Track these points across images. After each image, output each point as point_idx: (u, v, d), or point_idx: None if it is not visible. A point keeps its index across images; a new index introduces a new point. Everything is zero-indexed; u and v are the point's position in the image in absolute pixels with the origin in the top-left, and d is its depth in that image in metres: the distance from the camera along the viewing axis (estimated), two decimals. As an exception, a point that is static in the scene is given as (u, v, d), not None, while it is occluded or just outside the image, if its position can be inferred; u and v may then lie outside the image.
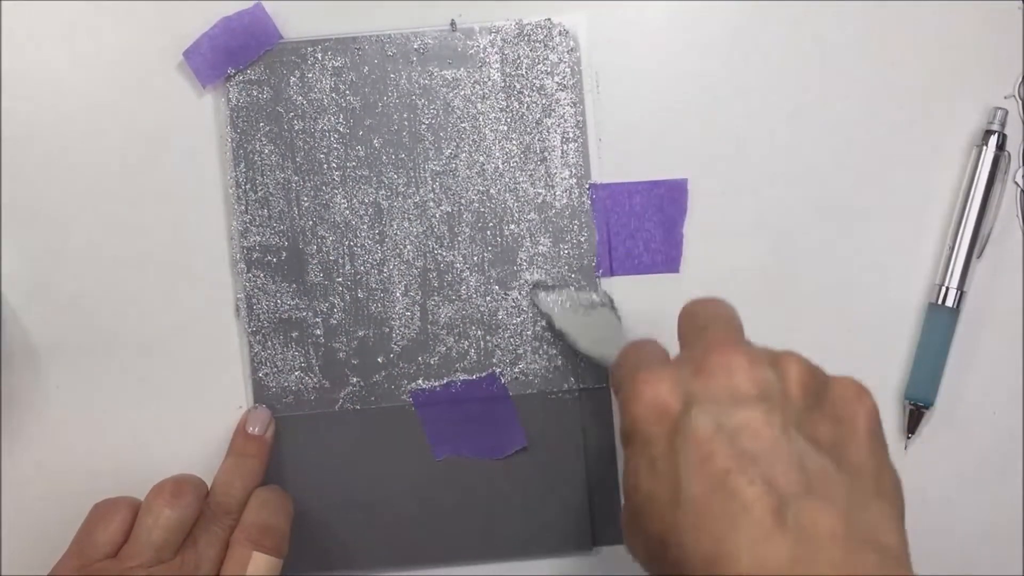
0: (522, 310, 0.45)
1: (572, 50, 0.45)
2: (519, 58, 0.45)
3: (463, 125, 0.45)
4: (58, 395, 0.45)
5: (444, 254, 0.45)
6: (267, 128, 0.45)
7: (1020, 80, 0.46)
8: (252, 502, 0.41)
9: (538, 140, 0.45)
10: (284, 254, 0.45)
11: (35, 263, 0.45)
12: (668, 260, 0.45)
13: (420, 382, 0.45)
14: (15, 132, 0.45)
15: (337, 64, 0.45)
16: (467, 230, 0.45)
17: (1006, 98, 0.46)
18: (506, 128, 0.45)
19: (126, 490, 0.41)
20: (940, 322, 0.45)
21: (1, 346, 0.44)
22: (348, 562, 0.45)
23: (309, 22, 0.45)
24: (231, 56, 0.44)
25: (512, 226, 0.45)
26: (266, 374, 0.45)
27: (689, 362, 0.32)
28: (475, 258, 0.45)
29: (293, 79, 0.45)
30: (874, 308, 0.46)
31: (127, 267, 0.45)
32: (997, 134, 0.45)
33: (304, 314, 0.45)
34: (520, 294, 0.45)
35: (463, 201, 0.45)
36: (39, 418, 0.45)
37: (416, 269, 0.45)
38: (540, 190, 0.45)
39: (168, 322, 0.45)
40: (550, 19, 0.45)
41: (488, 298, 0.45)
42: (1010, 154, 0.45)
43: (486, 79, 0.45)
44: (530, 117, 0.45)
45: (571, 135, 0.45)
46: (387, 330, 0.45)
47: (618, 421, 0.45)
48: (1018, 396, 0.46)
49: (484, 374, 0.45)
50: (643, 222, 0.45)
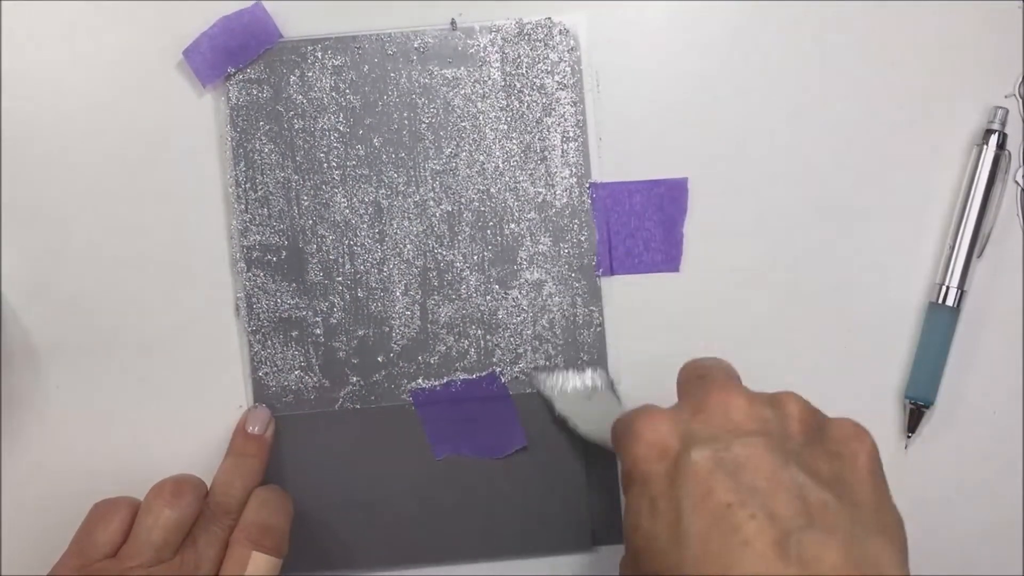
0: (522, 309, 0.45)
1: (572, 49, 0.45)
2: (519, 57, 0.45)
3: (463, 124, 0.45)
4: (58, 395, 0.45)
5: (444, 253, 0.45)
6: (267, 127, 0.45)
7: (1020, 79, 0.46)
8: (252, 502, 0.41)
9: (538, 139, 0.45)
10: (284, 253, 0.45)
11: (35, 263, 0.45)
12: (668, 259, 0.45)
13: (420, 381, 0.45)
14: (15, 132, 0.45)
15: (337, 63, 0.45)
16: (467, 229, 0.45)
17: (1006, 97, 0.46)
18: (506, 127, 0.45)
19: (126, 490, 0.41)
20: (940, 321, 0.45)
21: (1, 346, 0.44)
22: (348, 562, 0.45)
23: (309, 21, 0.45)
24: (231, 55, 0.44)
25: (512, 225, 0.45)
26: (266, 373, 0.45)
27: (688, 405, 0.32)
28: (475, 257, 0.45)
29: (293, 78, 0.45)
30: (874, 308, 0.46)
31: (127, 267, 0.45)
32: (997, 133, 0.45)
33: (304, 313, 0.45)
34: (520, 293, 0.45)
35: (463, 200, 0.45)
36: (39, 418, 0.45)
37: (416, 268, 0.45)
38: (540, 189, 0.45)
39: (168, 322, 0.45)
40: (550, 18, 0.45)
41: (488, 297, 0.45)
42: (1010, 153, 0.45)
43: (486, 78, 0.45)
44: (530, 116, 0.45)
45: (571, 134, 0.45)
46: (387, 329, 0.45)
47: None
48: (1018, 396, 0.46)
49: (484, 373, 0.45)
50: (643, 221, 0.45)
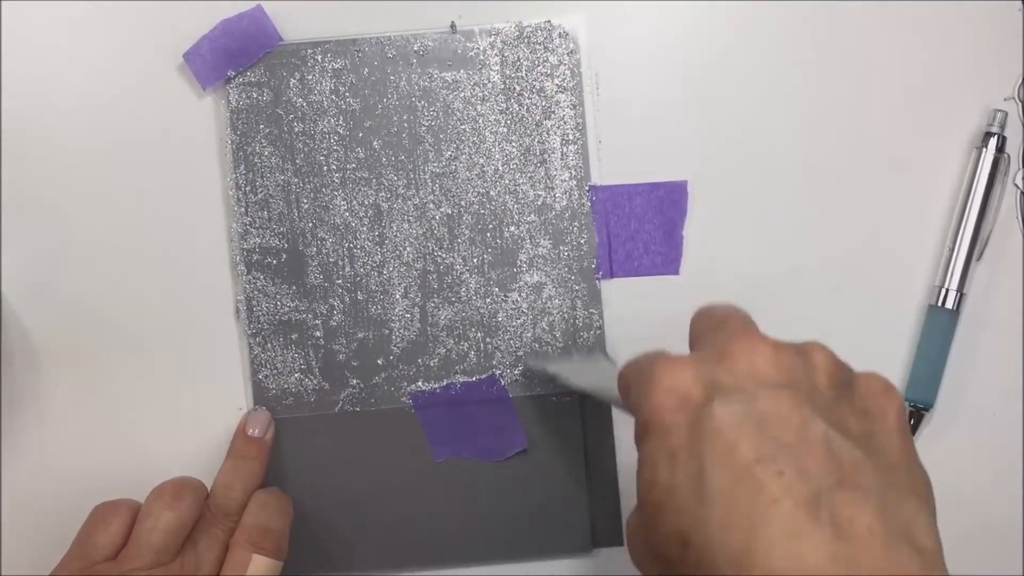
0: (522, 312, 0.45)
1: (572, 52, 0.45)
2: (519, 60, 0.45)
3: (463, 127, 0.45)
4: (58, 395, 0.45)
5: (444, 256, 0.45)
6: (267, 130, 0.45)
7: (1020, 82, 0.46)
8: (252, 504, 0.41)
9: (538, 142, 0.45)
10: (284, 256, 0.45)
11: (35, 263, 0.45)
12: (668, 262, 0.45)
13: (420, 384, 0.45)
14: (15, 132, 0.45)
15: (337, 66, 0.45)
16: (467, 232, 0.45)
17: (1006, 100, 0.46)
18: (506, 130, 0.45)
19: (126, 491, 0.41)
20: (940, 324, 0.45)
21: (1, 346, 0.44)
22: (348, 564, 0.45)
23: (309, 24, 0.45)
24: (231, 58, 0.44)
25: (512, 228, 0.45)
26: (266, 376, 0.45)
27: (711, 352, 0.30)
28: (475, 260, 0.45)
29: (293, 81, 0.45)
30: (874, 309, 0.46)
31: (127, 268, 0.45)
32: (997, 136, 0.45)
33: (304, 316, 0.45)
34: (520, 296, 0.45)
35: (463, 203, 0.45)
36: (39, 418, 0.45)
37: (416, 271, 0.45)
38: (540, 192, 0.45)
39: (168, 324, 0.45)
40: (550, 21, 0.45)
41: (488, 300, 0.45)
42: (1010, 156, 0.45)
43: (486, 81, 0.45)
44: (530, 119, 0.45)
45: (571, 137, 0.45)
46: (387, 332, 0.45)
47: (618, 435, 0.45)
48: (1018, 398, 0.46)
49: (484, 376, 0.45)
50: (643, 224, 0.45)
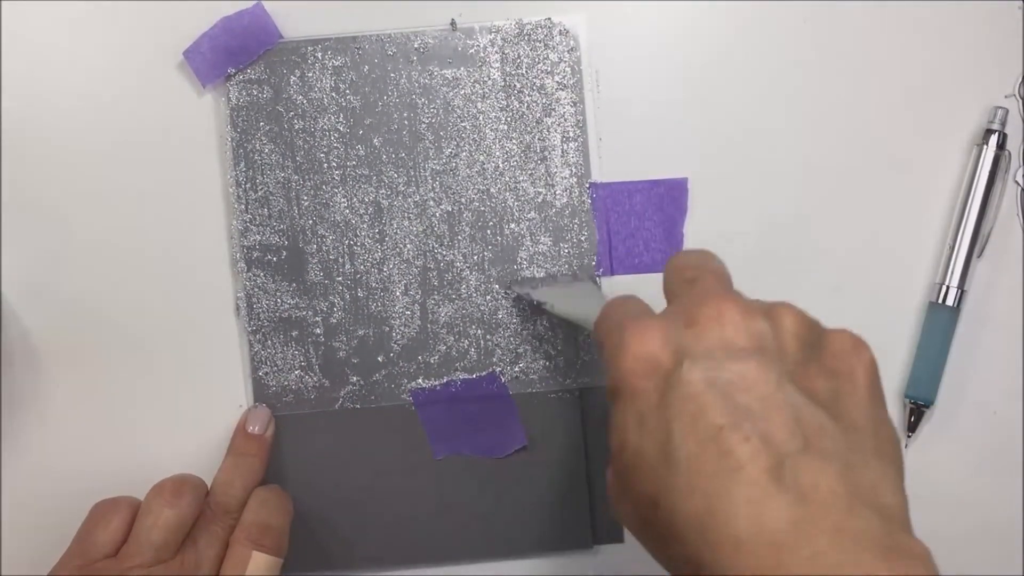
0: (522, 309, 0.45)
1: (572, 49, 0.45)
2: (519, 57, 0.45)
3: (463, 124, 0.45)
4: (58, 395, 0.45)
5: (444, 253, 0.45)
6: (267, 127, 0.45)
7: (1020, 79, 0.46)
8: (252, 501, 0.41)
9: (538, 139, 0.45)
10: (284, 253, 0.45)
11: (35, 263, 0.45)
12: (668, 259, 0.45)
13: (420, 381, 0.45)
14: (15, 132, 0.45)
15: (337, 63, 0.45)
16: (467, 229, 0.45)
17: (1006, 97, 0.46)
18: (506, 127, 0.45)
19: (126, 490, 0.41)
20: (940, 321, 0.45)
21: (1, 346, 0.44)
22: (348, 561, 0.45)
23: (309, 21, 0.45)
24: (231, 55, 0.44)
25: (512, 225, 0.45)
26: (266, 373, 0.45)
27: (679, 314, 0.30)
28: (475, 257, 0.45)
29: (293, 78, 0.45)
30: (874, 307, 0.46)
31: (127, 267, 0.45)
32: (997, 133, 0.45)
33: (304, 313, 0.45)
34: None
35: (463, 200, 0.45)
36: (39, 418, 0.45)
37: (416, 268, 0.45)
38: (540, 189, 0.45)
39: (168, 322, 0.45)
40: (550, 19, 0.45)
41: (488, 297, 0.45)
42: (1010, 153, 0.45)
43: (486, 78, 0.45)
44: (530, 116, 0.45)
45: (571, 134, 0.45)
46: (387, 329, 0.45)
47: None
48: (1018, 396, 0.46)
49: (484, 373, 0.45)
50: (643, 221, 0.45)
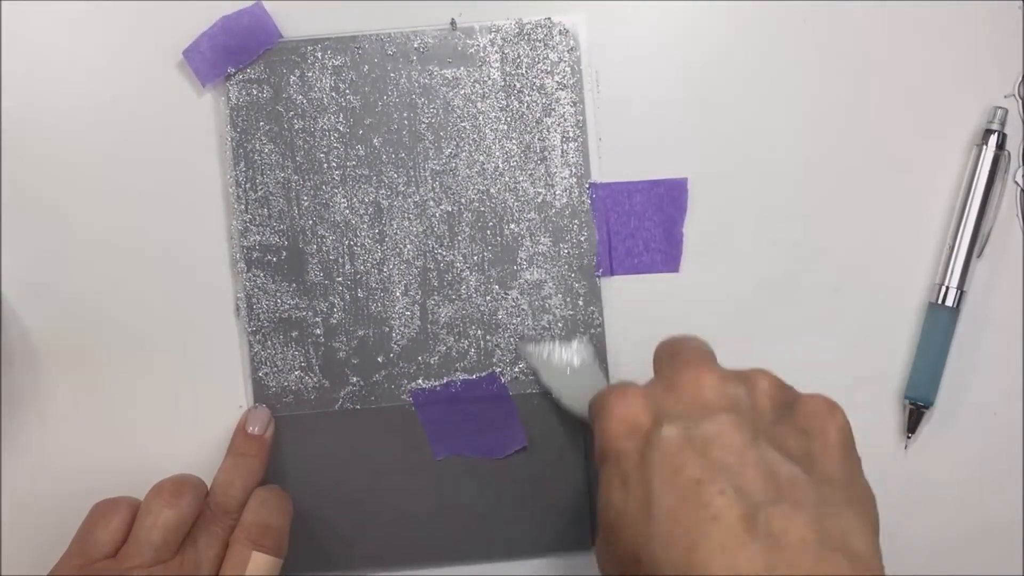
0: (522, 310, 0.45)
1: (572, 49, 0.45)
2: (519, 57, 0.45)
3: (463, 124, 0.45)
4: (58, 395, 0.45)
5: (444, 253, 0.45)
6: (267, 127, 0.45)
7: (1020, 79, 0.46)
8: (252, 502, 0.41)
9: (538, 139, 0.45)
10: (284, 253, 0.45)
11: (35, 263, 0.45)
12: (668, 259, 0.45)
13: (420, 382, 0.45)
14: (15, 132, 0.45)
15: (337, 63, 0.45)
16: (467, 229, 0.45)
17: (1006, 97, 0.46)
18: (506, 127, 0.45)
19: (126, 490, 0.41)
20: (940, 322, 0.45)
21: (1, 346, 0.44)
22: (348, 562, 0.45)
23: (309, 21, 0.45)
24: (231, 55, 0.44)
25: (512, 225, 0.45)
26: (266, 374, 0.45)
27: (660, 381, 0.33)
28: (475, 257, 0.45)
29: (293, 78, 0.45)
30: (874, 308, 0.46)
31: (127, 267, 0.45)
32: (997, 133, 0.45)
33: (304, 314, 0.45)
34: (520, 293, 0.45)
35: (463, 200, 0.45)
36: (39, 418, 0.45)
37: (416, 268, 0.45)
38: (540, 189, 0.45)
39: (168, 322, 0.45)
40: (550, 18, 0.45)
41: (488, 297, 0.45)
42: (1010, 153, 0.45)
43: (486, 78, 0.45)
44: (530, 116, 0.45)
45: (571, 134, 0.45)
46: (387, 329, 0.45)
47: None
48: (1018, 396, 0.46)
49: (484, 374, 0.45)
50: (643, 221, 0.45)
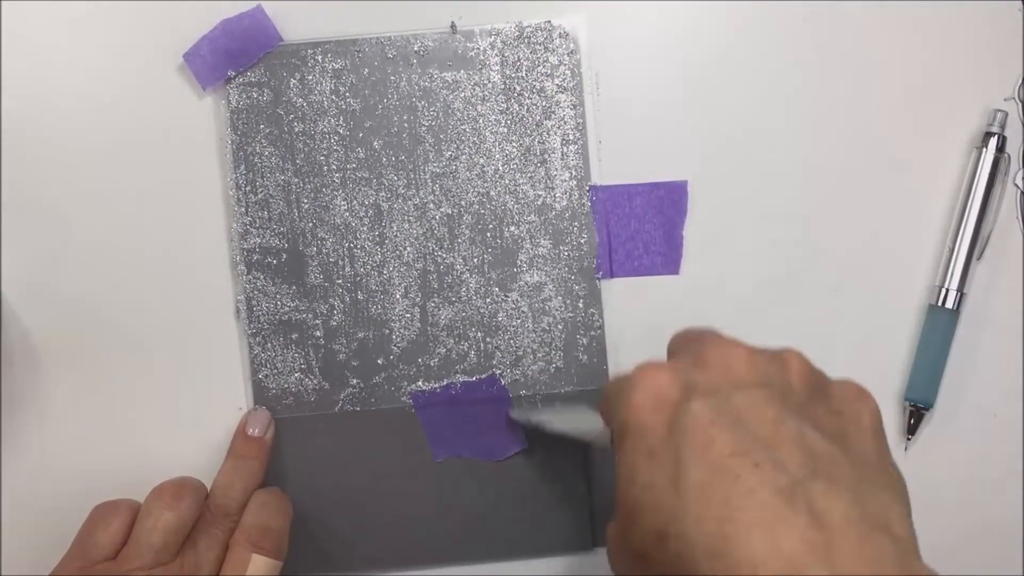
0: (522, 312, 0.45)
1: (572, 52, 0.45)
2: (519, 60, 0.45)
3: (463, 127, 0.45)
4: (58, 395, 0.45)
5: (444, 256, 0.45)
6: (267, 130, 0.45)
7: (1020, 82, 0.46)
8: (252, 504, 0.41)
9: (538, 142, 0.45)
10: (284, 256, 0.45)
11: (35, 263, 0.45)
12: (668, 262, 0.45)
13: (420, 384, 0.45)
14: (15, 132, 0.45)
15: (337, 66, 0.45)
16: (467, 232, 0.45)
17: (1006, 100, 0.46)
18: (506, 130, 0.45)
19: (126, 491, 0.41)
20: (940, 324, 0.45)
21: (1, 346, 0.44)
22: (348, 563, 0.45)
23: (309, 24, 0.45)
24: (231, 58, 0.44)
25: (512, 228, 0.45)
26: (266, 376, 0.45)
27: (687, 357, 0.31)
28: (475, 260, 0.45)
29: (293, 81, 0.45)
30: (874, 309, 0.46)
31: (127, 268, 0.45)
32: (997, 136, 0.45)
33: (304, 316, 0.45)
34: (520, 296, 0.45)
35: (463, 203, 0.45)
36: (39, 418, 0.45)
37: (416, 271, 0.45)
38: (540, 192, 0.45)
39: (168, 323, 0.45)
40: (550, 21, 0.45)
41: (488, 300, 0.45)
42: (1010, 156, 0.45)
43: (486, 81, 0.45)
44: (530, 119, 0.45)
45: (571, 137, 0.45)
46: (387, 332, 0.45)
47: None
48: (1018, 398, 0.46)
49: (484, 376, 0.45)
50: (643, 224, 0.45)
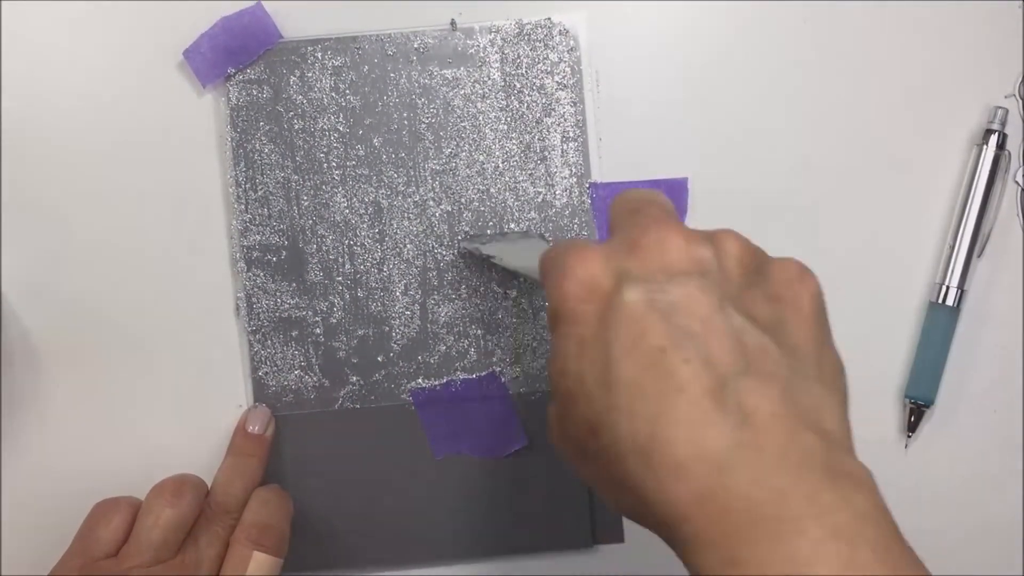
0: (522, 310, 0.45)
1: (572, 49, 0.45)
2: (519, 57, 0.45)
3: (463, 124, 0.45)
4: (58, 395, 0.45)
5: (444, 253, 0.45)
6: (267, 127, 0.45)
7: (1020, 79, 0.46)
8: (252, 502, 0.41)
9: (538, 139, 0.45)
10: (284, 253, 0.45)
11: (35, 263, 0.45)
12: (668, 259, 0.45)
13: (420, 381, 0.45)
14: (15, 132, 0.45)
15: (337, 63, 0.45)
16: (467, 229, 0.45)
17: (1006, 97, 0.46)
18: (506, 127, 0.45)
19: (126, 490, 0.41)
20: (940, 321, 0.45)
21: (1, 346, 0.44)
22: (348, 561, 0.45)
23: (309, 21, 0.45)
24: (231, 55, 0.44)
25: (512, 225, 0.45)
26: (266, 373, 0.45)
27: (622, 241, 0.30)
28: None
29: (293, 78, 0.45)
30: (874, 307, 0.46)
31: (127, 267, 0.45)
32: (997, 133, 0.45)
33: (304, 313, 0.45)
34: (520, 293, 0.45)
35: (463, 200, 0.45)
36: (39, 418, 0.45)
37: (416, 268, 0.45)
38: (540, 189, 0.45)
39: (168, 322, 0.45)
40: (550, 18, 0.45)
41: (488, 297, 0.45)
42: (1010, 153, 0.45)
43: (486, 78, 0.45)
44: (530, 116, 0.45)
45: (571, 134, 0.45)
46: (387, 329, 0.45)
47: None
48: (1018, 396, 0.46)
49: (484, 373, 0.45)
50: (643, 221, 0.45)
